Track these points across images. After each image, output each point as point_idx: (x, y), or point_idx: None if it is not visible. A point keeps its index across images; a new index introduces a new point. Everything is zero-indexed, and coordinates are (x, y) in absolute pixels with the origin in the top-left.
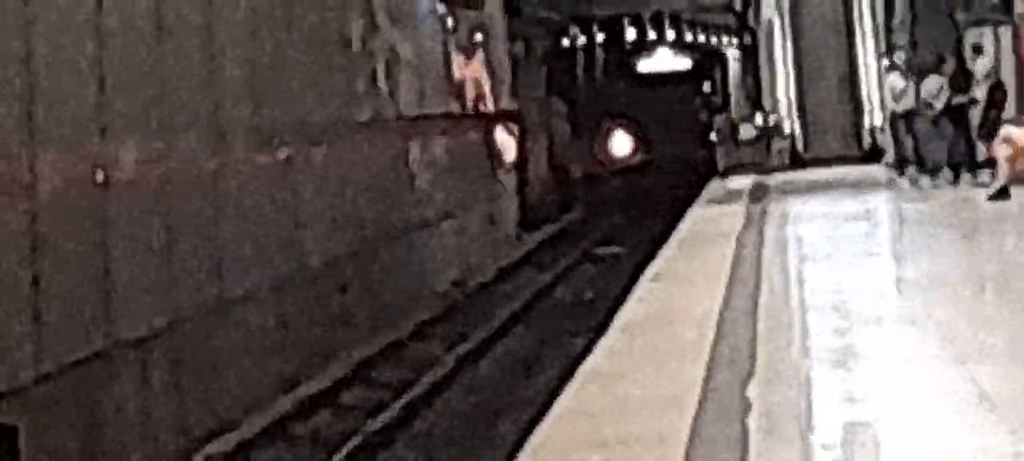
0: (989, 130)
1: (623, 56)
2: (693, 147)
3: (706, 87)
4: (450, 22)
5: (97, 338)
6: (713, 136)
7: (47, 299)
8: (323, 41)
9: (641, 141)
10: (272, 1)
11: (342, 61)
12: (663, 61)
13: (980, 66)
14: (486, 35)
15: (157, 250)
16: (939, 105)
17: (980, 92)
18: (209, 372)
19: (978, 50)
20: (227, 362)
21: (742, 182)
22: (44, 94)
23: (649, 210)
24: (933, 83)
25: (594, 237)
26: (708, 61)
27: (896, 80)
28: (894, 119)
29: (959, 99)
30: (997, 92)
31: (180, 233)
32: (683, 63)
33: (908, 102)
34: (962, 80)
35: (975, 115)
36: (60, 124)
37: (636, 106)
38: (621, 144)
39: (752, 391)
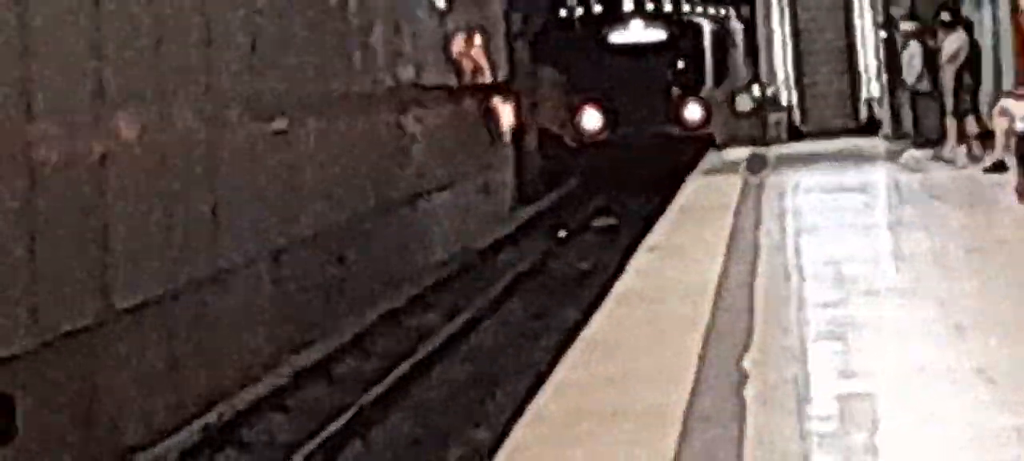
0: (963, 109)
1: (596, 27)
2: (661, 123)
3: (679, 60)
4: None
5: (93, 308)
6: (689, 112)
7: (45, 268)
8: (321, 13)
9: (610, 116)
10: None
11: (338, 33)
12: (635, 33)
13: (949, 44)
14: (483, 11)
15: (155, 219)
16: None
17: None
18: (207, 340)
19: (949, 26)
20: (224, 331)
21: (739, 154)
22: (38, 65)
23: (647, 181)
24: (954, 42)
25: (590, 209)
26: (683, 33)
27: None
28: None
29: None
30: (966, 71)
31: (176, 202)
32: (656, 35)
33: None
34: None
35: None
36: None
37: (606, 80)
38: (590, 119)
39: (749, 363)
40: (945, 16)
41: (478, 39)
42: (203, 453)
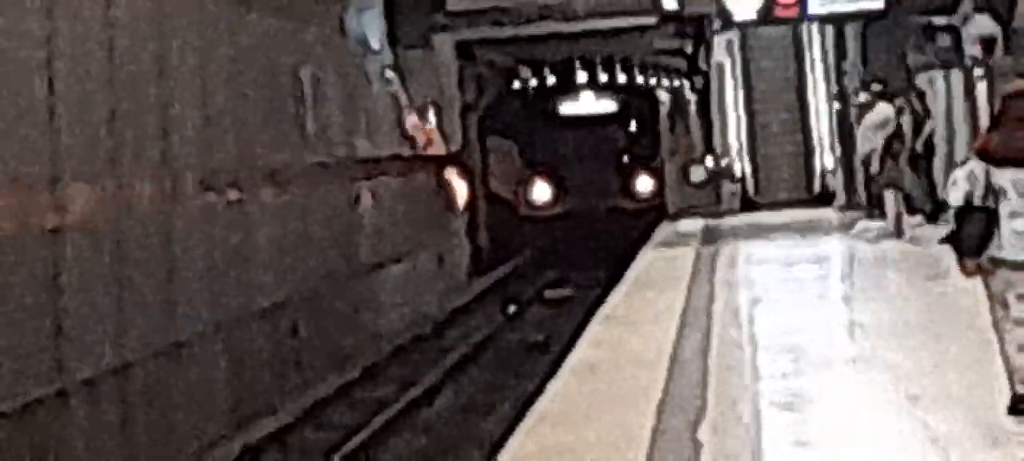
0: (887, 180)
1: (547, 99)
2: (613, 195)
3: (631, 132)
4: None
5: (49, 379)
6: (640, 184)
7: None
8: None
9: (561, 189)
10: (226, 55)
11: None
12: (585, 104)
13: (875, 115)
14: (437, 83)
15: (110, 291)
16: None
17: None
18: (161, 412)
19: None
20: (179, 402)
21: (693, 225)
22: None
23: (600, 253)
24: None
25: (544, 280)
26: (635, 104)
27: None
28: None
29: (923, 135)
30: (894, 142)
31: (132, 274)
32: (607, 106)
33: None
34: (920, 117)
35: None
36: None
37: (557, 152)
38: (540, 191)
39: (703, 434)
40: (875, 87)
41: (432, 112)
42: None
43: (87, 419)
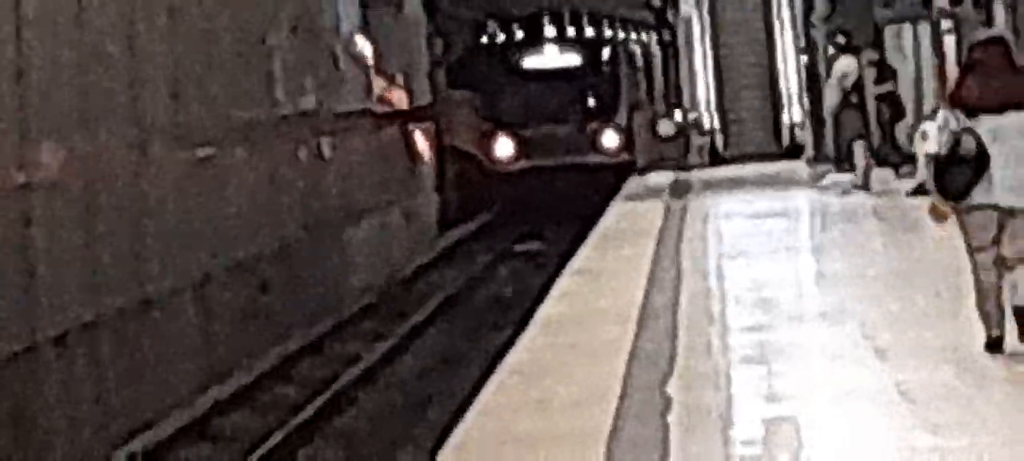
0: (852, 133)
1: (511, 53)
2: (578, 150)
3: (591, 86)
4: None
5: (20, 335)
6: (606, 139)
7: None
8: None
9: (524, 144)
10: (198, 12)
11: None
12: (550, 58)
13: (838, 66)
14: (405, 36)
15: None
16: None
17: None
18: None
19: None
20: (150, 360)
21: (661, 179)
22: None
23: (568, 208)
24: (845, 64)
25: (513, 234)
26: (600, 57)
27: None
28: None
29: (880, 89)
30: (853, 94)
31: (102, 231)
32: (571, 60)
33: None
34: (883, 71)
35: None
36: None
37: (521, 107)
38: (503, 147)
39: (672, 388)
40: (840, 39)
41: (399, 77)
42: None
43: (59, 375)
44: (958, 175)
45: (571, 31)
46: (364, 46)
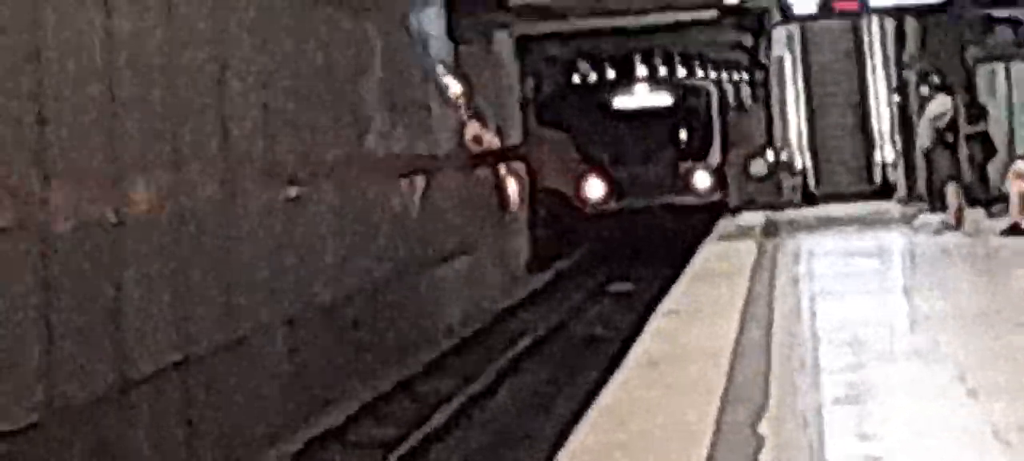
0: (946, 175)
1: (601, 93)
2: (669, 191)
3: (683, 126)
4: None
5: (108, 375)
6: (698, 180)
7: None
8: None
9: (615, 185)
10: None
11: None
12: (640, 97)
13: (933, 107)
14: (497, 76)
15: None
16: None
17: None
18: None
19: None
20: (241, 398)
21: (754, 219)
22: (56, 134)
23: (659, 248)
24: (939, 103)
25: (605, 274)
26: (691, 98)
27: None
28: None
29: (972, 129)
30: (948, 134)
31: (192, 270)
32: (662, 100)
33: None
34: (975, 112)
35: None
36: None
37: (612, 147)
38: (594, 188)
39: (765, 427)
40: (934, 79)
41: (492, 130)
42: None
43: (151, 415)
44: None
45: (663, 71)
46: (455, 86)
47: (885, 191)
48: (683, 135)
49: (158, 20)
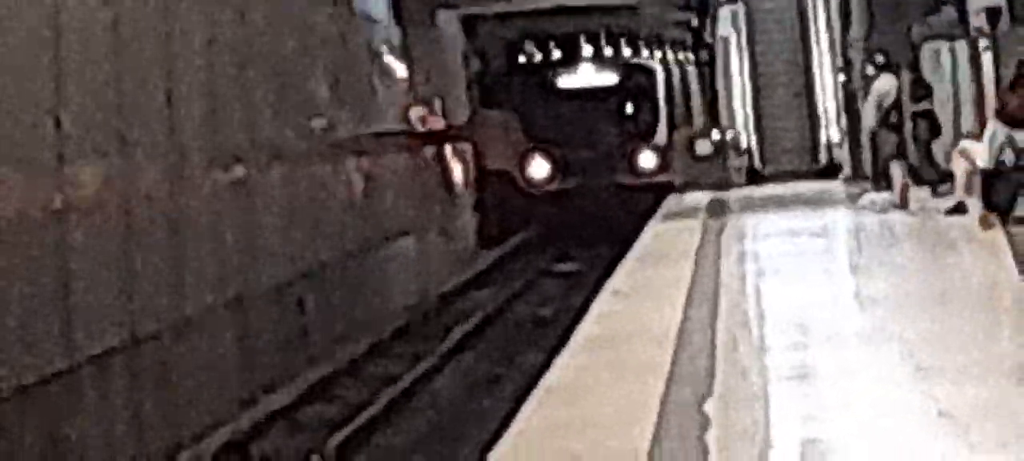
0: (887, 153)
1: (546, 72)
2: (614, 171)
3: (628, 105)
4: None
5: (58, 357)
6: (643, 159)
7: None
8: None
9: (560, 164)
10: (234, 33)
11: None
12: (585, 77)
13: (879, 85)
14: (442, 56)
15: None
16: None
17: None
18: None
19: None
20: (189, 380)
21: (699, 199)
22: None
23: (604, 228)
24: (884, 82)
25: (550, 254)
26: (636, 77)
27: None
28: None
29: (918, 108)
30: (893, 113)
31: (139, 254)
32: (607, 79)
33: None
34: (921, 90)
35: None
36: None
37: (556, 127)
38: (538, 168)
39: (711, 408)
40: (878, 58)
41: (437, 102)
42: None
43: (97, 396)
44: (1004, 188)
45: (608, 51)
46: (400, 67)
47: (831, 170)
48: (628, 115)
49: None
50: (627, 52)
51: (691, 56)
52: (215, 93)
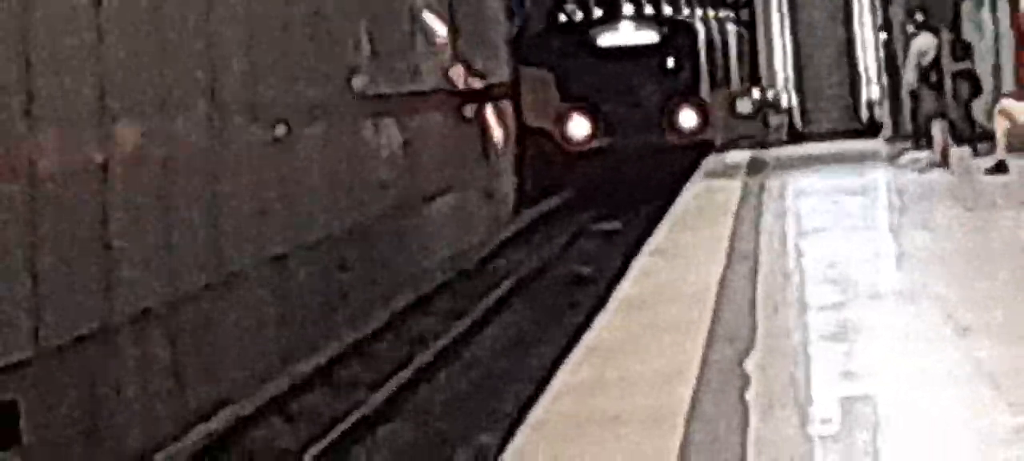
0: (928, 112)
1: (586, 31)
2: (655, 130)
3: (669, 63)
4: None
5: (97, 315)
6: (683, 118)
7: (49, 278)
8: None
9: (599, 123)
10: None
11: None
12: (625, 35)
13: (917, 44)
14: (483, 14)
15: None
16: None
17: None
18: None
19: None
20: (229, 338)
21: (740, 156)
22: (42, 77)
23: (648, 186)
24: (923, 41)
25: (591, 213)
26: (677, 35)
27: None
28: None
29: (958, 67)
30: (932, 72)
31: (179, 211)
32: (647, 37)
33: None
34: (960, 49)
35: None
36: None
37: (596, 85)
38: (578, 126)
39: (751, 366)
40: (918, 17)
41: (477, 45)
42: (207, 459)
43: (137, 354)
44: None
45: (649, 8)
46: (441, 25)
47: (871, 129)
48: (669, 73)
49: None
50: (668, 10)
51: (732, 14)
52: (256, 51)
